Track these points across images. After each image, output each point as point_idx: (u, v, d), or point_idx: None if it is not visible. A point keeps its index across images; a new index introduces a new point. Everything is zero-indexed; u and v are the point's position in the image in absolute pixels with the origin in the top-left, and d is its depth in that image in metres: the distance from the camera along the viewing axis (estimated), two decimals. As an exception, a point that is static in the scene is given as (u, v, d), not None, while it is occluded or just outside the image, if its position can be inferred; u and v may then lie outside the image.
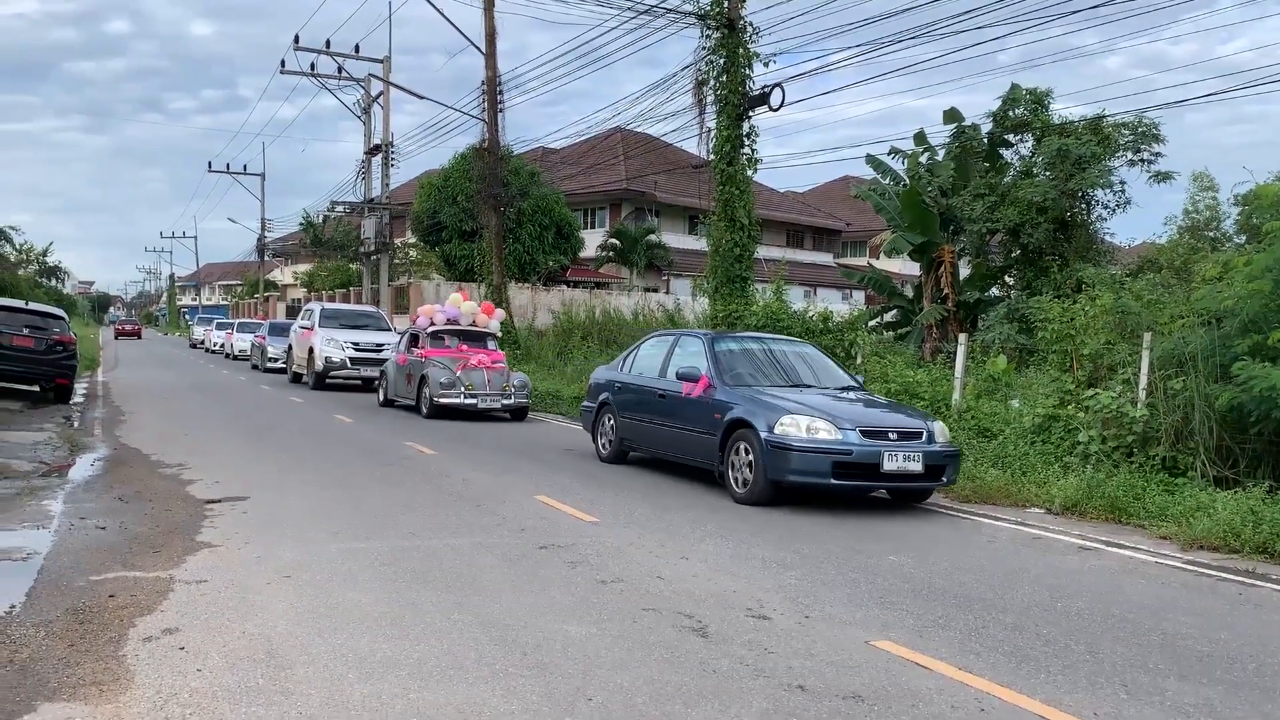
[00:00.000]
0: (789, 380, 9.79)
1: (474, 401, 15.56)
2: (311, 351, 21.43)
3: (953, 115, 21.22)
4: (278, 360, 27.00)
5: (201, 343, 46.38)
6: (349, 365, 21.00)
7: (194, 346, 48.65)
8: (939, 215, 21.04)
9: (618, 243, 40.30)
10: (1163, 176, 18.82)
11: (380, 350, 20.71)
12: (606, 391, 11.34)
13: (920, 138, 22.22)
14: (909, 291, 24.45)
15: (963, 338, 13.01)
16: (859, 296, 43.03)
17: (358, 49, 32.05)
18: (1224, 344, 9.08)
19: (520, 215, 31.18)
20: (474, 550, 6.50)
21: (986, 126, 20.95)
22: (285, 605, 5.08)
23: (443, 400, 15.49)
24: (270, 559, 6.06)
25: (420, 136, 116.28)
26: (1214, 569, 6.83)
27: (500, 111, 24.63)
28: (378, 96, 32.98)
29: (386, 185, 33.14)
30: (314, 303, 28.26)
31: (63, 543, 6.38)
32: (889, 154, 22.90)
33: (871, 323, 21.91)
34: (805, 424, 8.42)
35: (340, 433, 13.64)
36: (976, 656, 4.65)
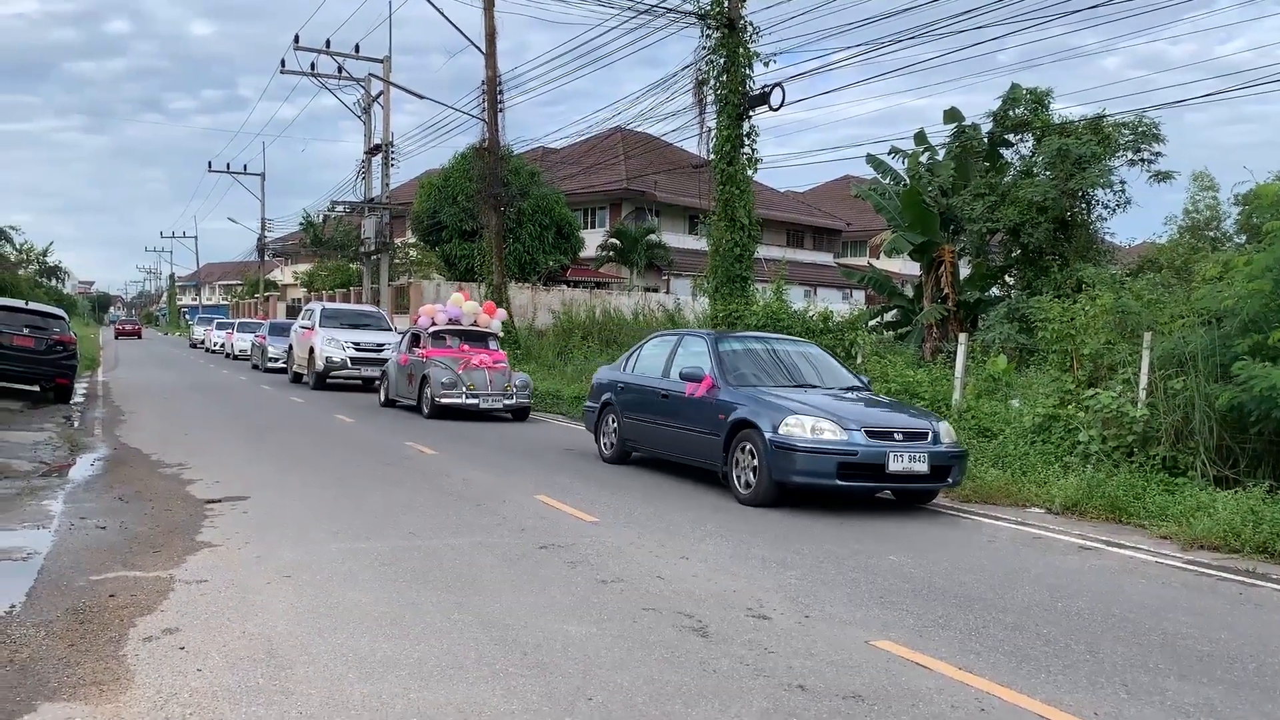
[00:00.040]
0: (793, 380, 9.71)
1: (476, 402, 15.52)
2: (312, 351, 21.40)
3: (953, 115, 21.21)
4: (278, 360, 26.99)
5: (202, 342, 46.39)
6: (350, 365, 20.96)
7: (194, 346, 48.66)
8: (939, 215, 21.04)
9: (618, 242, 40.31)
10: (1163, 176, 18.82)
11: (381, 350, 20.68)
12: (609, 391, 11.26)
13: (920, 137, 22.21)
14: (909, 291, 24.44)
15: (963, 337, 13.01)
16: (859, 296, 43.02)
17: (358, 49, 32.07)
18: (1224, 344, 9.07)
19: (520, 215, 31.20)
20: (474, 550, 6.51)
21: (987, 126, 20.96)
22: (285, 605, 5.09)
23: (444, 400, 15.44)
24: (270, 559, 6.06)
25: (420, 136, 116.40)
26: (1214, 569, 6.84)
27: (500, 111, 24.64)
28: (378, 96, 32.99)
29: (386, 185, 33.14)
30: (315, 302, 28.26)
31: (63, 542, 6.38)
32: (889, 154, 22.91)
33: (872, 322, 21.89)
34: (810, 424, 8.34)
35: (341, 432, 13.64)
36: (977, 656, 4.65)
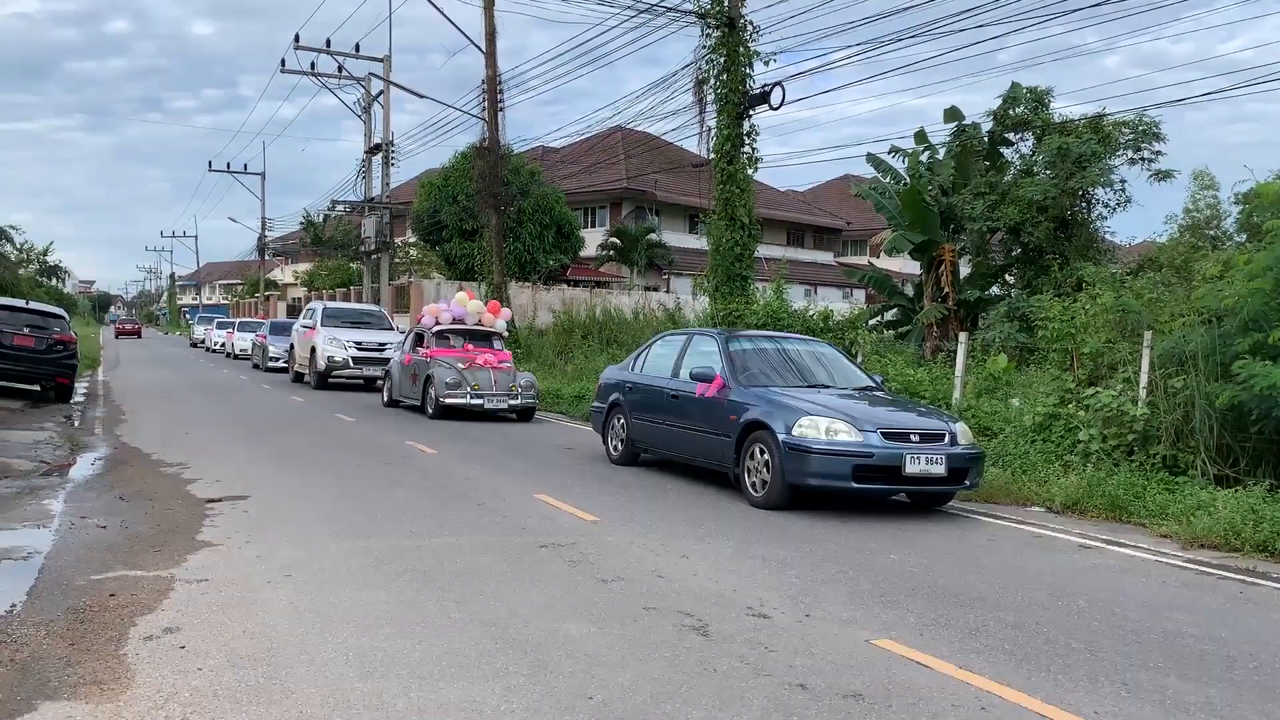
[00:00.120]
0: (805, 380, 9.52)
1: (480, 402, 15.42)
2: (314, 351, 21.38)
3: (953, 114, 21.20)
4: (279, 360, 26.99)
5: (202, 342, 46.40)
6: (351, 365, 20.94)
7: (194, 346, 48.68)
8: (939, 214, 21.02)
9: (618, 242, 40.29)
10: (1163, 175, 18.79)
11: (383, 349, 20.65)
12: (617, 392, 11.07)
13: (921, 136, 22.19)
14: (909, 290, 24.42)
15: (963, 336, 13.01)
16: (859, 295, 43.00)
17: (358, 48, 32.06)
18: (1224, 342, 9.07)
19: (521, 214, 31.21)
20: (475, 549, 6.51)
21: (987, 125, 20.93)
22: (286, 604, 5.09)
23: (448, 400, 15.33)
24: (271, 558, 6.07)
25: (421, 135, 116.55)
26: (1214, 567, 6.84)
27: (500, 110, 24.63)
28: (378, 95, 32.99)
29: (387, 184, 33.13)
30: (316, 302, 28.24)
31: (63, 542, 6.39)
32: (889, 153, 22.88)
33: (872, 321, 21.88)
34: (824, 425, 8.15)
35: (342, 432, 13.64)
36: (977, 655, 4.65)
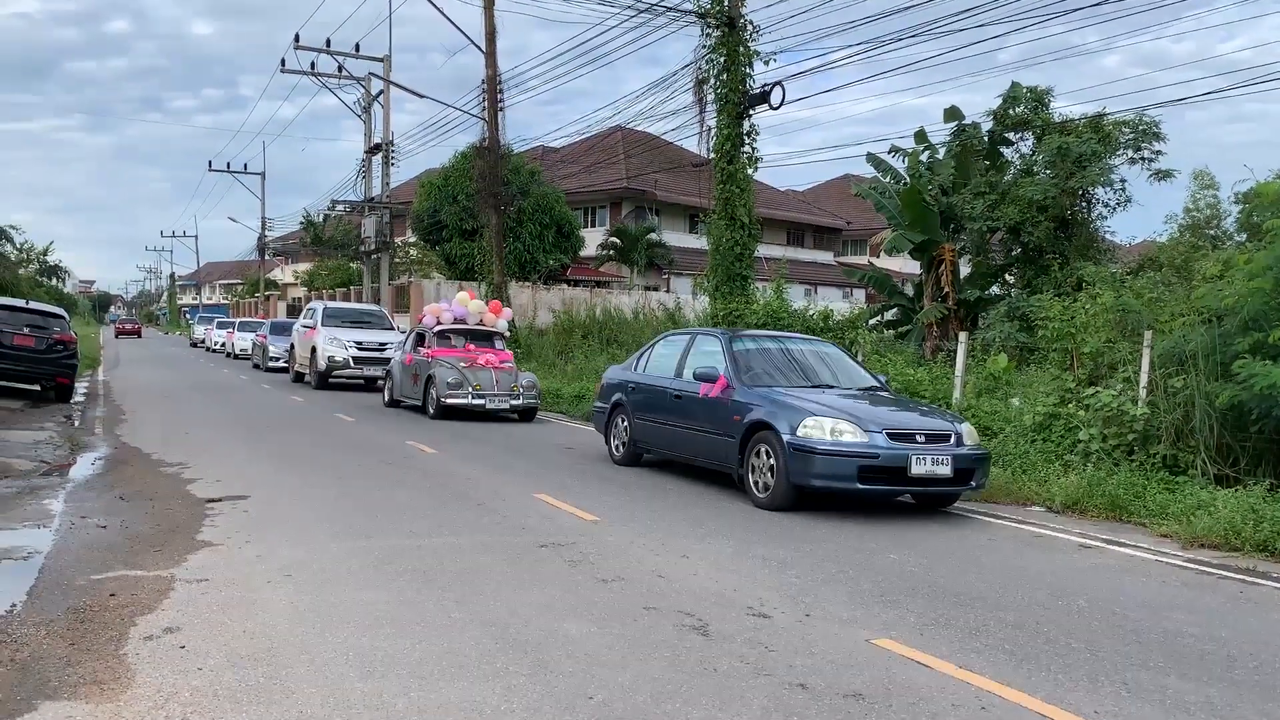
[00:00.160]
0: (809, 380, 9.47)
1: (482, 402, 15.38)
2: (314, 350, 21.37)
3: (953, 113, 21.19)
4: (279, 359, 26.99)
5: (202, 342, 46.41)
6: (352, 365, 20.92)
7: (195, 346, 48.68)
8: (939, 213, 21.01)
9: (618, 241, 40.30)
10: (1163, 175, 18.78)
11: (384, 349, 20.64)
12: (620, 392, 11.01)
13: (921, 136, 22.19)
14: (909, 290, 24.41)
15: (963, 336, 13.00)
16: (859, 295, 42.99)
17: (358, 48, 32.05)
18: (1225, 342, 9.07)
19: (521, 214, 31.20)
20: (475, 549, 6.51)
21: (987, 125, 20.92)
22: (286, 604, 5.09)
23: (450, 401, 15.29)
24: (271, 558, 6.07)
25: (421, 135, 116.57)
26: (1215, 567, 6.84)
27: (500, 110, 24.62)
28: (378, 95, 32.98)
29: (387, 184, 33.13)
30: (317, 301, 28.24)
31: (64, 542, 6.39)
32: (889, 152, 22.87)
33: (872, 321, 21.87)
34: (829, 426, 8.09)
35: (342, 432, 13.64)
36: (977, 655, 4.65)
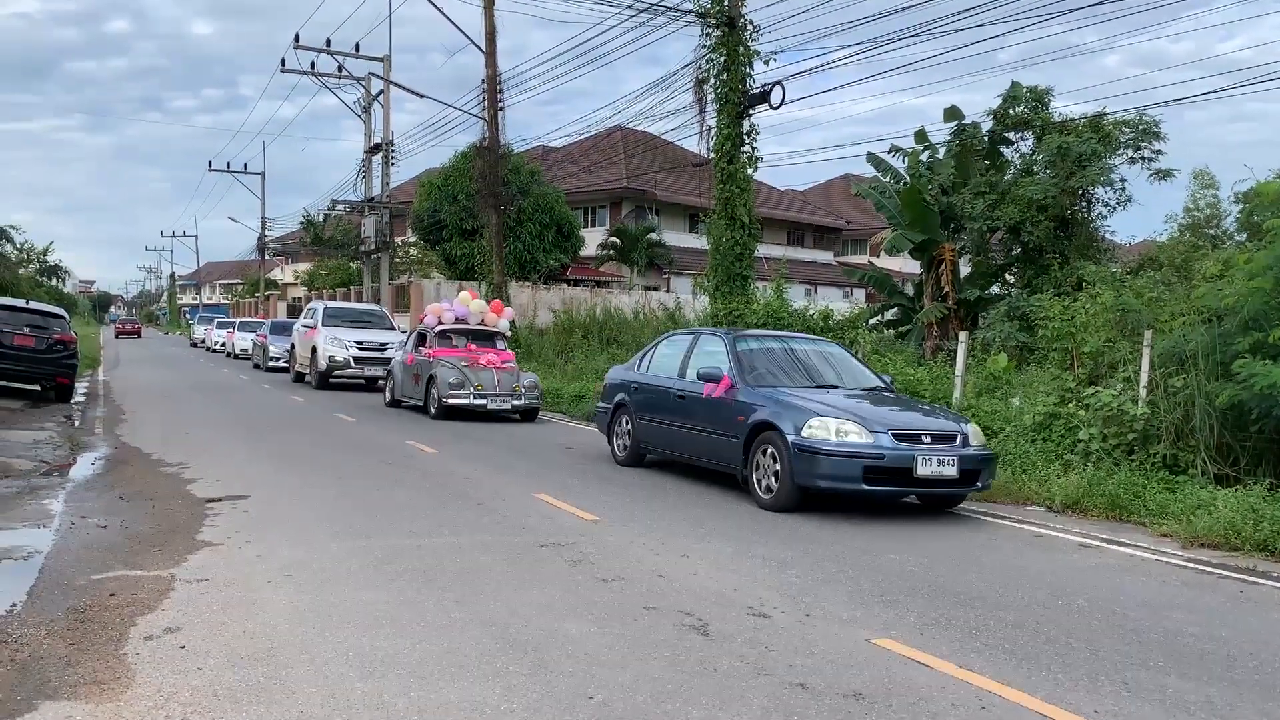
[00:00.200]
0: (814, 381, 9.43)
1: (484, 402, 15.35)
2: (315, 350, 21.36)
3: (953, 113, 21.19)
4: (280, 359, 26.98)
5: (202, 342, 46.41)
6: (353, 364, 20.90)
7: (195, 346, 48.68)
8: (939, 213, 21.01)
9: (618, 241, 40.30)
10: (1163, 174, 18.78)
11: (384, 349, 20.63)
12: (622, 392, 10.97)
13: (921, 136, 22.19)
14: (909, 289, 24.41)
15: (963, 336, 13.00)
16: (860, 295, 42.98)
17: (358, 48, 32.05)
18: (1225, 341, 9.07)
19: (521, 214, 31.19)
20: (475, 549, 6.51)
21: (987, 124, 20.92)
22: (286, 604, 5.09)
23: (451, 401, 15.25)
24: (271, 557, 6.07)
25: (421, 135, 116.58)
26: (1215, 567, 6.84)
27: (500, 110, 24.62)
28: (378, 95, 32.98)
29: (387, 184, 33.13)
30: (317, 301, 28.24)
31: (64, 542, 6.39)
32: (889, 152, 22.87)
33: (872, 321, 21.86)
34: (834, 426, 8.05)
35: (343, 432, 13.64)
36: (977, 654, 4.65)
